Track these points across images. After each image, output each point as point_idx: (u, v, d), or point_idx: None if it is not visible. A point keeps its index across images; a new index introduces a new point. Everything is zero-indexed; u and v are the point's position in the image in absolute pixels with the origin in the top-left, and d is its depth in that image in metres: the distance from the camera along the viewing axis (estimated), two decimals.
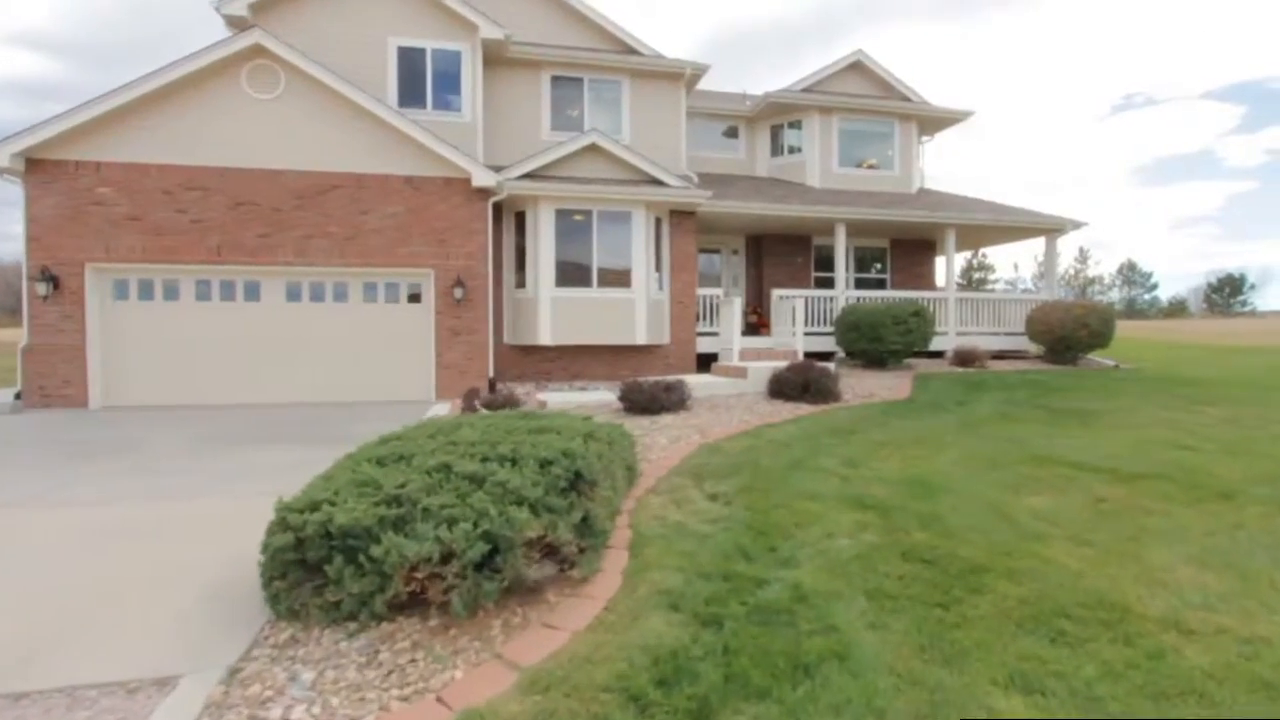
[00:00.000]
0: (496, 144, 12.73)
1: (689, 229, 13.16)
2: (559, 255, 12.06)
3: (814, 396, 9.42)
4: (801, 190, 15.15)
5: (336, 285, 11.16)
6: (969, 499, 4.87)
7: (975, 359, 13.31)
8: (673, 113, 13.66)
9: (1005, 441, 6.77)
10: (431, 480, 3.52)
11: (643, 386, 8.79)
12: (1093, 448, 6.47)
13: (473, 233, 11.36)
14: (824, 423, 7.93)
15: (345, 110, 10.81)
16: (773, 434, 7.29)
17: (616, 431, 4.90)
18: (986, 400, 9.34)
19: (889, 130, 16.07)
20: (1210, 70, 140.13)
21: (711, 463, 6.02)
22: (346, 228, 10.90)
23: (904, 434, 7.22)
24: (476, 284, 11.36)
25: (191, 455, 6.85)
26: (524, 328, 12.21)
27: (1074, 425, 7.60)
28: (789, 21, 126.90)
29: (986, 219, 14.75)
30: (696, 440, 7.09)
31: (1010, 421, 7.91)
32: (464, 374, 11.33)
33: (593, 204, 12.08)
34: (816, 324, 13.92)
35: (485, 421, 4.57)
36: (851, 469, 5.78)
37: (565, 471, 3.68)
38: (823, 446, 6.64)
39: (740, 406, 9.26)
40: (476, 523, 3.17)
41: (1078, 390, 10.08)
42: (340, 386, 10.98)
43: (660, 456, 6.38)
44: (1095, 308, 13.82)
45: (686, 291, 13.16)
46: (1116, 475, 5.41)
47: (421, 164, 11.11)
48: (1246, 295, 66.73)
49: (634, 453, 5.41)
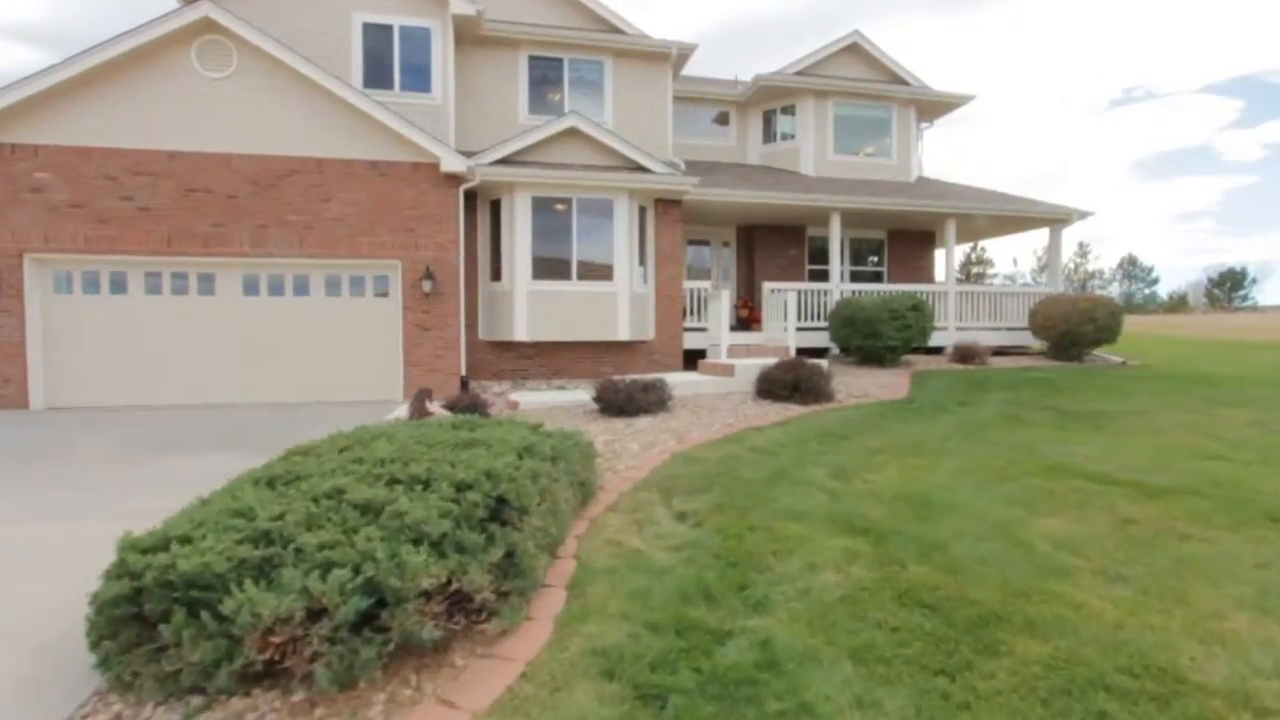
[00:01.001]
0: (471, 128, 12.02)
1: (675, 219, 12.47)
2: (536, 246, 11.36)
3: (805, 396, 8.76)
4: (794, 178, 14.45)
5: (297, 278, 10.46)
6: (976, 520, 4.20)
7: (976, 355, 12.65)
8: (658, 96, 12.95)
9: (1013, 448, 6.11)
10: (317, 510, 2.85)
11: (618, 386, 8.12)
12: (1110, 456, 5.81)
13: (443, 221, 10.66)
14: (814, 426, 7.27)
15: (304, 90, 10.09)
16: (757, 439, 6.62)
17: (566, 444, 4.22)
18: (990, 400, 8.68)
19: (886, 115, 15.36)
20: (1209, 64, 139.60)
21: (685, 474, 5.35)
22: (306, 216, 10.20)
23: (901, 439, 6.56)
24: (447, 276, 10.66)
25: (115, 464, 6.17)
26: (499, 323, 11.52)
27: (1086, 429, 6.94)
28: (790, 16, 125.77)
29: (989, 208, 14.07)
30: (672, 447, 6.42)
31: (1017, 425, 7.25)
32: (433, 372, 10.64)
33: (572, 191, 11.38)
34: (810, 319, 13.24)
35: (411, 432, 3.90)
36: (842, 482, 5.11)
37: (485, 498, 3.00)
38: (811, 454, 5.98)
39: (725, 407, 8.59)
40: (359, 568, 2.50)
41: (1087, 389, 9.42)
42: (301, 386, 10.30)
43: (629, 466, 5.71)
44: (1102, 301, 13.17)
45: (673, 285, 12.47)
46: (1142, 490, 4.75)
47: (387, 147, 10.39)
48: (1248, 290, 66.19)
49: (591, 466, 4.75)
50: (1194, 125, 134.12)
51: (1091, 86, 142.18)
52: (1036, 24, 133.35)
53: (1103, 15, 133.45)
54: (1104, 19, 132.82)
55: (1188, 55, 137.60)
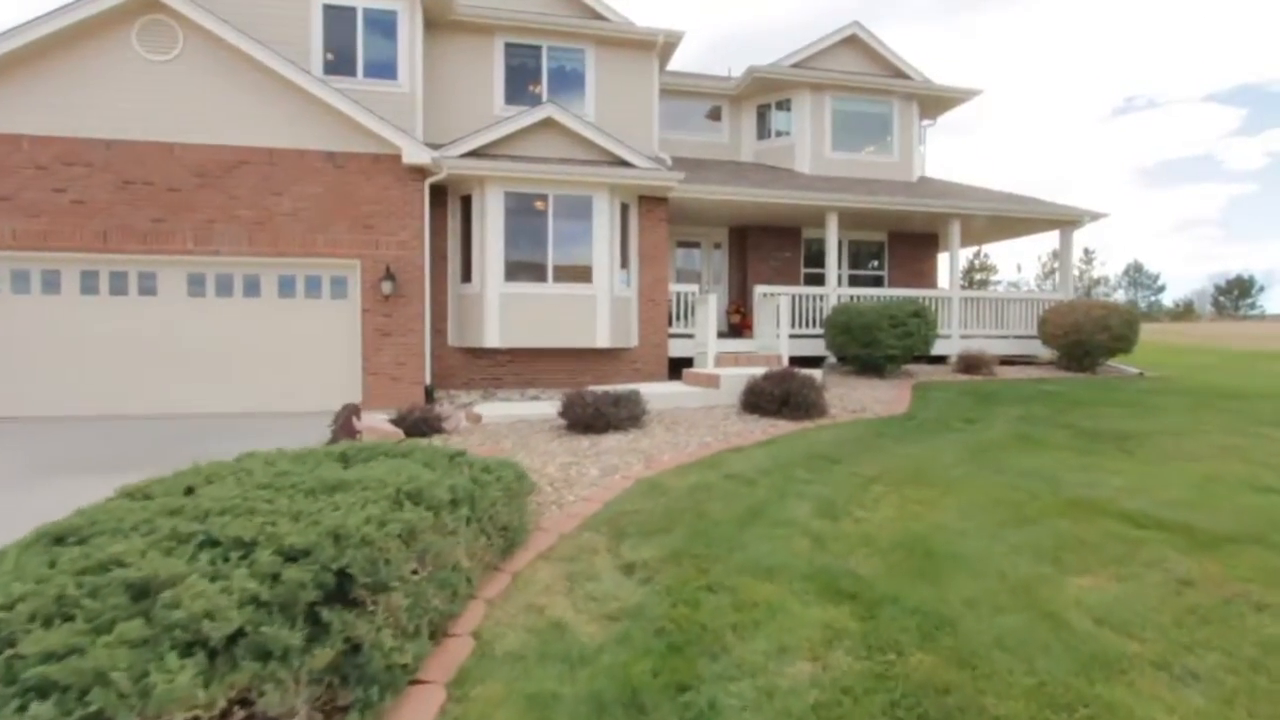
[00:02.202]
0: (442, 120, 11.23)
1: (660, 217, 11.66)
2: (509, 245, 10.55)
3: (794, 411, 7.92)
4: (790, 176, 13.64)
5: (247, 278, 9.65)
6: (992, 579, 3.36)
7: (982, 365, 11.81)
8: (644, 87, 12.15)
9: (1030, 477, 5.27)
10: (76, 591, 2.02)
11: (585, 400, 7.30)
12: (1145, 488, 4.96)
13: (406, 218, 9.86)
14: (802, 446, 6.43)
15: (255, 74, 9.31)
16: (735, 463, 5.78)
17: (483, 479, 3.39)
18: (1000, 417, 7.84)
19: (887, 111, 14.55)
20: (1211, 73, 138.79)
21: (644, 510, 4.51)
22: (256, 210, 9.40)
23: (900, 464, 5.72)
24: (411, 277, 9.86)
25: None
26: (470, 328, 10.71)
27: (1112, 453, 6.09)
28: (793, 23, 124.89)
29: (995, 209, 13.24)
30: (637, 472, 5.58)
31: (1032, 446, 6.40)
32: (395, 381, 9.84)
33: (548, 186, 10.57)
34: (805, 325, 12.41)
35: (272, 468, 3.06)
36: (828, 521, 4.27)
37: (320, 571, 2.17)
38: (795, 484, 5.14)
39: (706, 423, 7.76)
40: (85, 694, 1.68)
41: (1106, 404, 8.57)
42: (251, 396, 9.48)
43: (581, 498, 4.88)
44: (1117, 308, 12.32)
45: (657, 288, 11.66)
46: (1194, 537, 3.90)
47: (345, 137, 9.61)
48: (1255, 298, 65.14)
49: (521, 505, 3.90)
50: (1197, 133, 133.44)
51: (1094, 94, 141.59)
52: (1038, 32, 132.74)
53: (1105, 24, 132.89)
54: (1106, 28, 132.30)
55: (1190, 64, 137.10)
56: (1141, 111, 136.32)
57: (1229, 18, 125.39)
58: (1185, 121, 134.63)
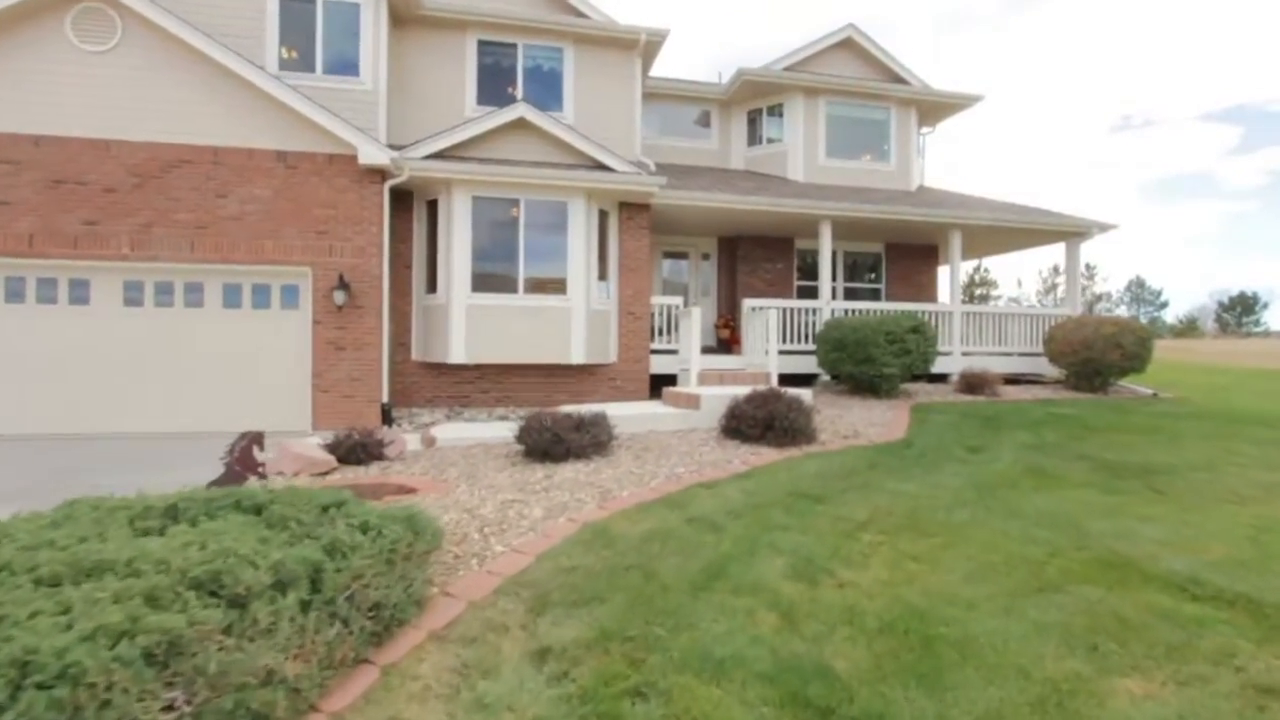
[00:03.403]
0: (409, 120, 10.53)
1: (642, 225, 10.93)
2: (477, 254, 9.81)
3: (779, 437, 7.13)
4: (781, 184, 12.94)
5: (189, 286, 8.90)
6: (1012, 684, 2.56)
7: (985, 385, 11.02)
8: (625, 88, 11.47)
9: (1048, 524, 4.47)
10: None
11: (543, 424, 6.51)
12: (1189, 540, 4.17)
13: (363, 222, 9.13)
14: (784, 480, 5.63)
15: (199, 67, 8.62)
16: (704, 502, 4.98)
17: (338, 551, 2.59)
18: (1007, 444, 7.04)
19: (884, 117, 13.87)
20: (1208, 92, 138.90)
21: (582, 567, 3.72)
22: (199, 213, 8.67)
23: (895, 505, 4.92)
24: (368, 287, 9.10)
25: None
26: (434, 342, 9.94)
27: (1141, 492, 5.30)
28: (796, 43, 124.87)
29: (999, 219, 12.52)
30: (587, 514, 4.78)
31: (1046, 482, 5.61)
32: (349, 399, 9.06)
33: (520, 191, 9.85)
34: (796, 340, 11.65)
35: (41, 536, 2.27)
36: (805, 586, 3.48)
37: None
38: (770, 530, 4.34)
39: (680, 450, 6.96)
40: None
41: (1124, 431, 7.78)
42: (192, 414, 8.70)
43: (512, 547, 4.08)
44: (1129, 325, 11.55)
45: (638, 300, 10.90)
46: (1262, 617, 3.10)
47: (297, 136, 8.90)
48: (1259, 314, 64.33)
49: (414, 570, 3.09)
50: (1194, 152, 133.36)
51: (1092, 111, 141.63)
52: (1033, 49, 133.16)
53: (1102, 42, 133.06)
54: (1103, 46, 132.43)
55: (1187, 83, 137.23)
56: (1139, 130, 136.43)
57: (1225, 37, 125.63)
58: (1183, 140, 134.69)
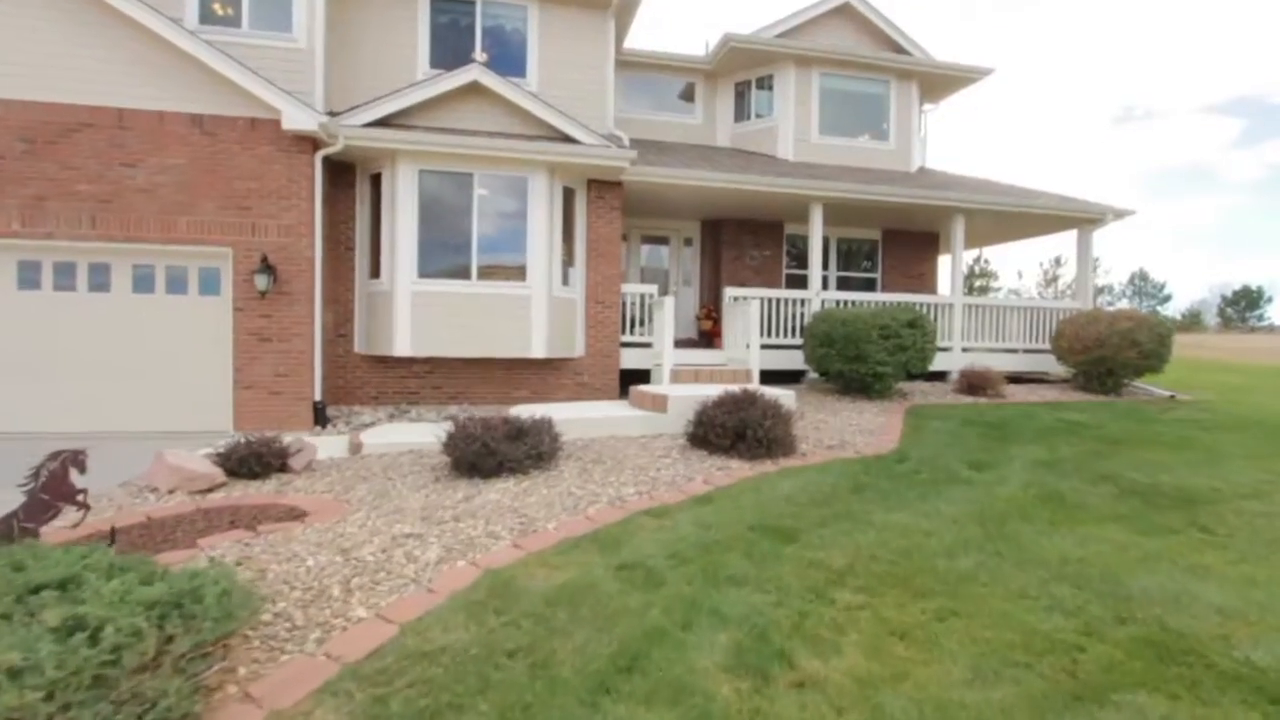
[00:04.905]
0: (354, 84, 9.43)
1: (613, 205, 9.90)
2: (425, 234, 8.79)
3: (753, 448, 6.15)
4: (770, 163, 11.88)
5: (93, 268, 7.88)
6: None
7: (988, 385, 10.05)
8: (597, 53, 10.38)
9: (1077, 581, 3.51)
10: None
11: (472, 432, 5.52)
12: (1260, 606, 3.20)
13: (292, 197, 8.09)
14: (750, 507, 4.66)
15: (101, 17, 7.55)
16: (644, 540, 4.01)
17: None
18: (1016, 460, 6.08)
19: (883, 91, 12.79)
20: (1210, 84, 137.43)
21: (451, 649, 2.74)
22: (102, 185, 7.64)
23: (882, 545, 3.96)
24: (297, 270, 8.09)
25: None
26: (378, 333, 8.94)
27: (1184, 529, 4.33)
28: None
29: (1007, 204, 11.49)
30: (498, 554, 3.81)
31: (1067, 514, 4.65)
32: (275, 396, 8.06)
33: (474, 164, 8.81)
34: (782, 334, 10.66)
35: None
36: (752, 686, 2.51)
37: None
38: (720, 585, 3.38)
39: (636, 463, 5.99)
40: None
41: (1149, 444, 6.81)
42: (97, 413, 7.72)
43: (376, 613, 3.10)
44: (1146, 320, 10.56)
45: (608, 288, 9.89)
46: None
47: (216, 98, 7.84)
48: (1263, 309, 63.27)
49: (200, 659, 2.13)
50: (1195, 145, 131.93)
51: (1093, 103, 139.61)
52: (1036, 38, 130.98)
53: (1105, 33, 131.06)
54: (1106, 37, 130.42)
55: (1189, 75, 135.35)
56: (1140, 121, 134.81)
57: (1227, 29, 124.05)
58: (1184, 132, 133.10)
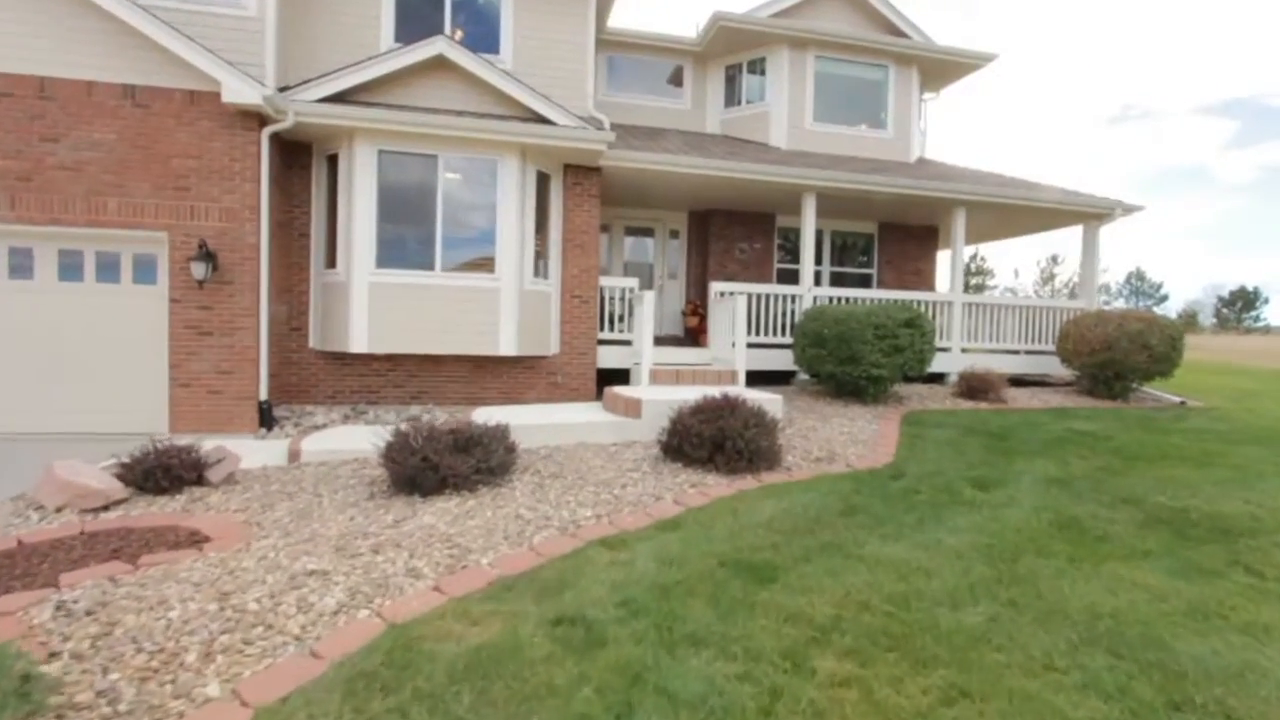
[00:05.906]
0: (312, 58, 8.69)
1: (591, 192, 9.23)
2: (384, 220, 8.10)
3: (733, 460, 5.52)
4: (761, 150, 11.22)
5: (14, 252, 7.17)
6: None
7: (990, 389, 9.45)
8: (576, 30, 9.66)
9: (1113, 644, 2.88)
10: None
11: (410, 445, 4.86)
12: None
13: (235, 178, 7.38)
14: (723, 536, 4.03)
15: None
16: (592, 582, 3.37)
17: None
18: (1025, 477, 5.46)
19: (882, 77, 12.12)
20: (1205, 86, 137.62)
21: None
22: (21, 161, 6.92)
23: (874, 590, 3.32)
24: (240, 258, 7.39)
25: None
26: (334, 327, 8.27)
27: (1229, 574, 3.71)
28: None
29: (1011, 196, 10.86)
30: (410, 600, 3.16)
31: (1089, 547, 4.02)
32: (216, 395, 7.38)
33: (438, 145, 8.12)
34: (771, 332, 10.02)
35: None
36: None
37: None
38: (676, 647, 2.73)
39: (600, 478, 5.34)
40: None
41: (1168, 458, 6.21)
42: (13, 411, 7.03)
43: (231, 692, 2.45)
44: (1156, 321, 9.97)
45: (585, 281, 9.23)
46: None
47: (150, 68, 7.12)
48: (1259, 310, 62.96)
49: None
50: (1189, 145, 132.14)
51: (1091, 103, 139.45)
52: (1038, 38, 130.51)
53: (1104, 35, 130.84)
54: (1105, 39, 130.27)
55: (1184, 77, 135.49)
56: (1136, 121, 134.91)
57: (1223, 32, 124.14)
58: (1180, 133, 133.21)
